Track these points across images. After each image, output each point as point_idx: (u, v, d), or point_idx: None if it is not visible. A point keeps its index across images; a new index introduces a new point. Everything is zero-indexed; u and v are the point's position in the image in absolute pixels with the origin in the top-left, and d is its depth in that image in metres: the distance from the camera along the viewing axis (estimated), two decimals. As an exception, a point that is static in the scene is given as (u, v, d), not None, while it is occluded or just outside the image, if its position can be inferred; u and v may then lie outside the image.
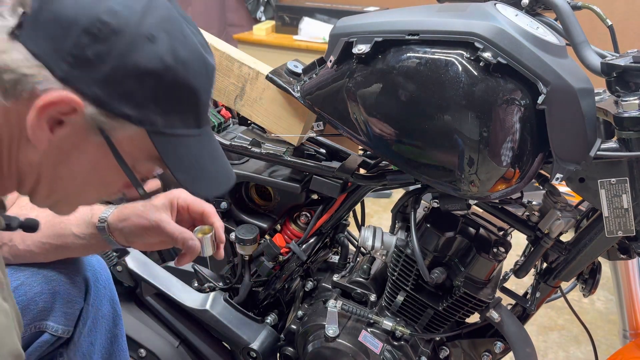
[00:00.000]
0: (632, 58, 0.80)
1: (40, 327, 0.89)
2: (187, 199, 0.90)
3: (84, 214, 0.90)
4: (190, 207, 0.91)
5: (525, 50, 0.77)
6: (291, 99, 1.04)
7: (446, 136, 0.82)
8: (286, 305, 1.30)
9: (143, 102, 0.58)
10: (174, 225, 0.87)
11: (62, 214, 0.74)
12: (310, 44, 2.93)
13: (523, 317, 1.11)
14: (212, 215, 0.91)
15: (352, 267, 1.22)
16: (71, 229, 0.90)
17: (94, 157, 0.62)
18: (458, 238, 1.03)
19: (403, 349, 1.14)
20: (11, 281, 0.87)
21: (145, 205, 0.88)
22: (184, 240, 0.86)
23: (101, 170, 0.64)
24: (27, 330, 0.88)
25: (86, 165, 0.63)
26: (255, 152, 1.10)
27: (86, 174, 0.64)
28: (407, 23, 0.85)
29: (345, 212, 1.16)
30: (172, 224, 0.87)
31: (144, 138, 0.61)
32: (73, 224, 0.90)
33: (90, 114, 0.57)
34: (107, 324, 0.98)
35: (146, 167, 0.67)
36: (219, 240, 0.91)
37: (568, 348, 1.95)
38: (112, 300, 0.99)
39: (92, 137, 0.60)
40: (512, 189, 0.85)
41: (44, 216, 0.89)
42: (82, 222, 0.90)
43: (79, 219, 0.90)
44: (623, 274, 1.11)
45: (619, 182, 0.86)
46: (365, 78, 0.87)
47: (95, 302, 0.96)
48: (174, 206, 0.90)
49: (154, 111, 0.59)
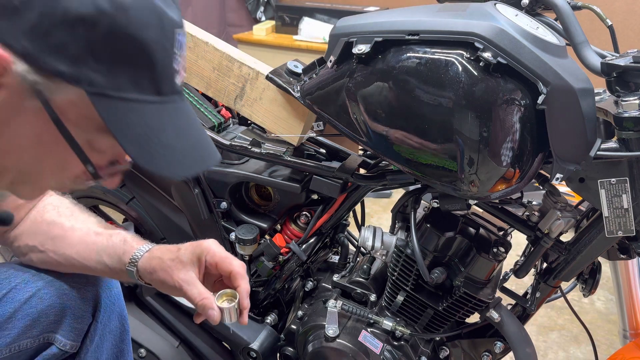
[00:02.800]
0: (632, 58, 0.80)
1: (49, 338, 0.89)
2: (216, 256, 0.83)
3: (117, 248, 0.87)
4: (219, 264, 0.83)
5: (525, 50, 0.77)
6: (291, 99, 1.04)
7: (446, 136, 0.82)
8: (286, 305, 1.30)
9: (78, 55, 0.51)
10: (196, 289, 0.81)
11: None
12: (310, 44, 2.93)
13: (523, 317, 1.11)
14: (240, 278, 0.82)
15: (352, 267, 1.23)
16: (103, 257, 0.88)
17: (36, 127, 0.55)
18: (458, 238, 1.03)
19: (403, 349, 1.14)
20: (24, 291, 0.87)
21: (173, 260, 0.83)
22: (204, 308, 0.80)
23: (48, 143, 0.57)
24: (37, 340, 0.87)
25: (30, 136, 0.56)
26: (255, 152, 1.10)
27: (33, 148, 0.57)
28: (407, 23, 0.85)
29: (345, 212, 1.16)
30: (194, 287, 0.81)
31: (88, 103, 0.53)
32: (106, 253, 0.88)
33: (21, 72, 0.50)
34: (114, 339, 0.97)
35: (104, 144, 0.58)
36: (242, 307, 0.82)
37: (568, 348, 1.95)
38: (121, 315, 0.98)
39: (29, 101, 0.52)
40: (512, 189, 0.85)
41: (79, 235, 0.90)
42: (114, 255, 0.87)
43: (111, 251, 0.87)
44: (623, 274, 1.11)
45: (619, 182, 0.86)
46: (365, 78, 0.87)
47: (103, 319, 0.94)
48: (202, 262, 0.83)
49: (93, 67, 0.52)
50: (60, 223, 0.91)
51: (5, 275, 0.89)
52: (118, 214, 1.48)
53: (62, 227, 0.90)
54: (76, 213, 0.94)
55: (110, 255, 0.87)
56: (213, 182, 1.18)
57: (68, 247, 0.89)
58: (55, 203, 0.94)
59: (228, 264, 0.82)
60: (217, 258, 0.82)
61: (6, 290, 0.86)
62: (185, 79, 1.14)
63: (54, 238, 0.89)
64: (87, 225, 0.92)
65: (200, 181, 1.18)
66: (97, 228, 0.92)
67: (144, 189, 1.38)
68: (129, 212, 1.41)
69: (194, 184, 1.18)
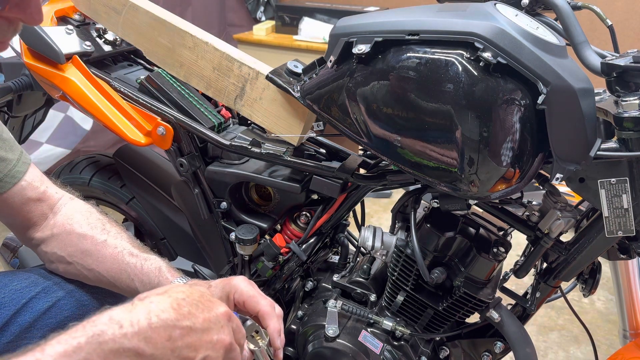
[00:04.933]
0: (632, 58, 0.80)
1: None
2: (244, 295, 0.80)
3: (151, 276, 0.85)
4: (246, 304, 0.80)
5: (525, 50, 0.77)
6: (291, 99, 1.04)
7: (446, 136, 0.82)
8: (286, 305, 1.30)
9: None
10: None
11: None
12: (310, 44, 2.93)
13: (523, 317, 1.11)
14: (268, 318, 0.79)
15: (352, 267, 1.23)
16: (135, 282, 0.85)
17: None
18: (458, 238, 1.03)
19: (403, 349, 1.14)
20: (45, 301, 0.87)
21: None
22: None
23: None
24: None
25: None
26: (255, 152, 1.10)
27: None
28: (407, 23, 0.85)
29: (345, 212, 1.16)
30: None
31: None
32: (138, 279, 0.85)
33: None
34: None
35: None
36: (275, 347, 0.79)
37: (568, 348, 1.95)
38: None
39: None
40: (512, 189, 0.85)
41: (111, 253, 0.87)
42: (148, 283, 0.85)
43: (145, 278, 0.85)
44: (623, 274, 1.11)
45: (619, 182, 0.86)
46: (365, 78, 0.87)
47: None
48: (231, 300, 0.81)
49: None
50: (92, 236, 0.89)
51: (27, 282, 0.88)
52: (118, 214, 1.48)
53: (94, 240, 0.88)
54: (107, 226, 0.91)
55: (143, 282, 0.85)
56: (213, 182, 1.18)
57: (98, 263, 0.87)
58: (83, 211, 0.92)
59: (255, 303, 0.80)
60: (245, 297, 0.80)
61: (27, 299, 0.86)
62: (185, 79, 1.14)
63: (84, 252, 0.88)
64: (121, 243, 0.89)
65: (200, 181, 1.18)
66: (132, 248, 0.89)
67: (144, 189, 1.38)
68: (129, 212, 1.42)
69: (194, 184, 1.18)
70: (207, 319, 0.63)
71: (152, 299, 0.61)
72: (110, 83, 1.18)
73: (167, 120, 1.14)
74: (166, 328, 0.59)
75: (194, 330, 0.61)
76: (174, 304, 0.61)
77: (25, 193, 0.88)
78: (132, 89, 1.18)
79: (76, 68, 1.17)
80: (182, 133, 1.15)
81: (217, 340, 0.63)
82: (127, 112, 1.15)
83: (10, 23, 0.64)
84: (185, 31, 1.11)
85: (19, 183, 0.87)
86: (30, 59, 1.16)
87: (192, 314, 0.62)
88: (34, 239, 0.92)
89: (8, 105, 1.40)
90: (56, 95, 1.24)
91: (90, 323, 0.57)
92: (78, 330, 0.56)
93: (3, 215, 0.90)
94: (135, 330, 0.57)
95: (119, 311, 0.58)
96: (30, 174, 0.90)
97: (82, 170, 1.43)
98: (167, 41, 1.13)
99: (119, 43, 1.28)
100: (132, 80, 1.22)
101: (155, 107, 1.15)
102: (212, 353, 0.62)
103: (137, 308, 0.59)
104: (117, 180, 1.41)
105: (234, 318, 0.68)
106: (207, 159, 1.20)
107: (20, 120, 1.51)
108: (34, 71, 1.18)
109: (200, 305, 0.64)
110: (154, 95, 1.17)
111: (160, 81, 1.17)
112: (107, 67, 1.26)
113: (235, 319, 0.68)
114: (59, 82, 1.16)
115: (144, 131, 1.15)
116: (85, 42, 1.21)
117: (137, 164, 1.40)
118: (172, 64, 1.15)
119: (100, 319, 0.57)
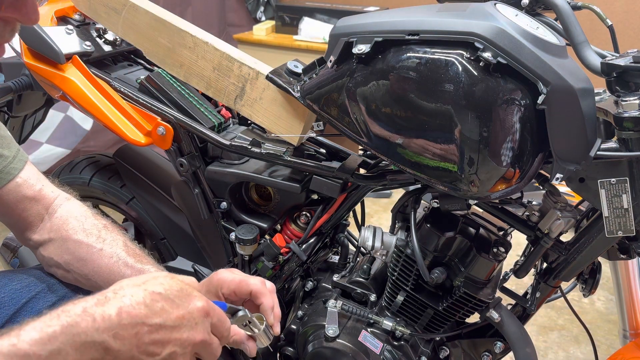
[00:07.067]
0: (632, 58, 0.80)
1: None
2: (231, 285, 0.79)
3: None
4: (237, 291, 0.79)
5: (525, 50, 0.77)
6: (291, 99, 1.04)
7: (446, 136, 0.82)
8: (286, 305, 1.30)
9: None
10: None
11: None
12: (310, 44, 2.93)
13: (523, 317, 1.11)
14: (261, 296, 0.79)
15: (352, 267, 1.23)
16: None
17: None
18: (458, 238, 1.03)
19: (403, 349, 1.14)
20: (44, 301, 0.87)
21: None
22: (237, 344, 0.78)
23: None
24: None
25: None
26: (255, 152, 1.10)
27: None
28: (407, 23, 0.85)
29: (345, 212, 1.16)
30: None
31: None
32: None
33: None
34: None
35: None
36: (269, 323, 0.79)
37: (568, 348, 1.95)
38: None
39: None
40: (512, 189, 0.85)
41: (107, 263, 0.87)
42: None
43: None
44: (623, 274, 1.11)
45: (619, 182, 0.86)
46: (365, 78, 0.87)
47: None
48: (220, 296, 0.80)
49: None
50: (88, 244, 0.88)
51: (27, 282, 0.89)
52: (118, 214, 1.48)
53: (90, 249, 0.88)
54: (103, 233, 0.91)
55: None
56: (213, 182, 1.18)
57: (95, 273, 0.87)
58: (78, 215, 0.92)
59: (245, 285, 0.79)
60: (232, 286, 0.79)
61: (27, 299, 0.86)
62: (185, 79, 1.14)
63: (80, 260, 0.88)
64: (116, 252, 0.89)
65: (200, 181, 1.18)
66: (127, 258, 0.88)
67: (144, 189, 1.38)
68: (129, 212, 1.42)
69: (194, 184, 1.18)
70: (180, 316, 0.62)
71: (127, 291, 0.61)
72: (110, 83, 1.18)
73: (167, 120, 1.14)
74: (134, 325, 0.59)
75: (163, 328, 0.60)
76: (147, 299, 0.61)
77: (20, 190, 0.88)
78: (132, 89, 1.18)
79: (76, 68, 1.17)
80: (182, 133, 1.15)
81: (186, 337, 0.62)
82: (127, 112, 1.15)
83: (7, 24, 0.65)
84: (185, 31, 1.11)
85: (14, 180, 0.87)
86: (30, 59, 1.17)
87: (164, 310, 0.61)
88: (31, 241, 0.92)
89: (8, 105, 1.40)
90: (56, 95, 1.24)
91: (65, 313, 0.56)
92: (53, 319, 0.56)
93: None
94: (107, 326, 0.57)
95: (92, 303, 0.58)
96: (26, 171, 0.90)
97: (82, 170, 1.43)
98: (167, 41, 1.13)
99: (119, 43, 1.28)
100: (132, 80, 1.22)
101: (155, 107, 1.15)
102: (179, 350, 0.62)
103: (110, 302, 0.59)
104: (117, 180, 1.41)
105: (214, 313, 0.67)
106: (207, 159, 1.20)
107: (20, 120, 1.51)
108: (34, 71, 1.18)
109: (176, 300, 0.63)
110: (154, 95, 1.17)
111: (160, 81, 1.17)
112: (107, 67, 1.26)
113: (216, 314, 0.67)
114: (59, 82, 1.16)
115: (144, 131, 1.15)
116: (85, 42, 1.21)
117: (137, 164, 1.40)
118: (172, 64, 1.15)
119: (74, 309, 0.57)
